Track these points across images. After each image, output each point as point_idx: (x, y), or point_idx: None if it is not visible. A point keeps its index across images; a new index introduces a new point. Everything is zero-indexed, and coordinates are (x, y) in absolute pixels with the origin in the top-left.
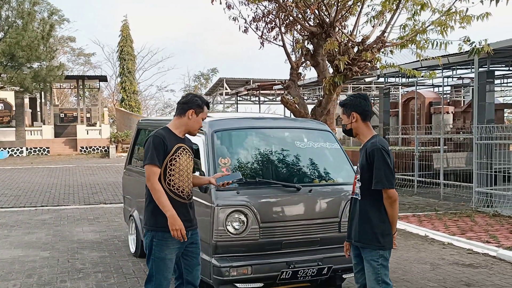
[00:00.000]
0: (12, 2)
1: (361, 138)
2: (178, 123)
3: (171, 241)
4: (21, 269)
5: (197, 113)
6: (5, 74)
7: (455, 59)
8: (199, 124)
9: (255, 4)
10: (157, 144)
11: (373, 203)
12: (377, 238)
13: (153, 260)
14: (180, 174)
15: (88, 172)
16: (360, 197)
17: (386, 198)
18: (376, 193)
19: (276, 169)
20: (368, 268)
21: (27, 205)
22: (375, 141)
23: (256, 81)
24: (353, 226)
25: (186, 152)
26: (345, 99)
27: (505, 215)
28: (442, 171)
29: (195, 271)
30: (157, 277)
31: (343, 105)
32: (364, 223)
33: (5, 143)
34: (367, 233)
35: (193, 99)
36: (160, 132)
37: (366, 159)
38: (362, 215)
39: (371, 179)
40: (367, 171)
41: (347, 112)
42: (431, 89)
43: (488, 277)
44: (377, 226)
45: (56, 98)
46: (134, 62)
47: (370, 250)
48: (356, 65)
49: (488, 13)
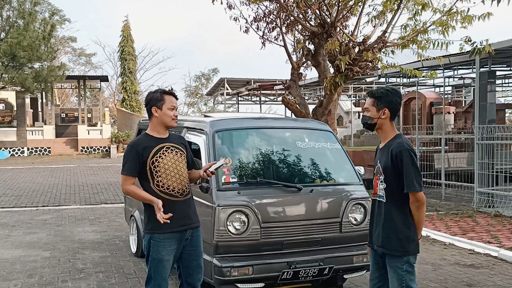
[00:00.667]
0: (13, 2)
1: (382, 136)
2: (152, 125)
3: (168, 242)
4: (22, 269)
5: (159, 107)
6: (6, 74)
7: (456, 59)
8: (168, 115)
9: (256, 4)
10: (130, 154)
11: (398, 206)
12: (401, 243)
13: (151, 262)
14: (166, 173)
15: (89, 172)
16: (385, 199)
17: (414, 202)
18: (402, 195)
19: (277, 169)
20: (392, 274)
21: (28, 205)
22: (401, 141)
23: (257, 81)
24: (375, 230)
25: (171, 150)
26: (379, 91)
27: (507, 215)
28: (444, 171)
29: (195, 273)
30: (156, 278)
31: (375, 97)
32: (389, 227)
33: (6, 143)
34: (391, 239)
35: (149, 96)
36: (135, 141)
37: (391, 160)
38: (387, 219)
39: (397, 181)
40: (392, 172)
41: (378, 105)
42: (432, 89)
43: (490, 278)
44: (402, 231)
45: (57, 98)
46: (135, 62)
47: (393, 257)
48: (357, 65)
49: (489, 13)
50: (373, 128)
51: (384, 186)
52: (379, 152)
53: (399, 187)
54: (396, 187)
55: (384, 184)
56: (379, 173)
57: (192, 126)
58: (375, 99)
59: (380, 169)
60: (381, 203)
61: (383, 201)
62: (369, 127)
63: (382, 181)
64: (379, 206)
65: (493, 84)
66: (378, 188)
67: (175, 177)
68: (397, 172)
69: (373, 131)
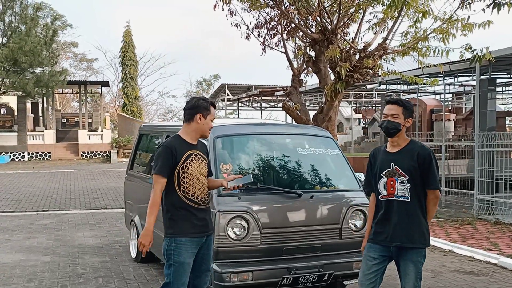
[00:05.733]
0: (16, 8)
1: (398, 141)
2: (189, 130)
3: (190, 245)
4: (22, 274)
5: (205, 116)
6: (7, 79)
7: (457, 66)
8: (209, 125)
9: (257, 11)
10: (165, 154)
11: (419, 204)
12: (424, 236)
13: (172, 266)
14: (193, 180)
15: (89, 177)
16: (410, 199)
17: (433, 198)
18: (422, 194)
19: (277, 175)
20: (411, 268)
21: (28, 210)
22: (423, 145)
23: (258, 87)
24: (393, 228)
25: (198, 158)
26: (407, 102)
27: (507, 222)
28: (444, 178)
29: (203, 276)
30: (175, 283)
31: (405, 107)
32: (415, 224)
33: (7, 148)
34: (415, 233)
35: (198, 102)
36: (169, 142)
37: (418, 162)
38: (412, 217)
39: (421, 181)
40: (419, 173)
41: (405, 114)
42: (433, 96)
43: (489, 285)
44: (424, 225)
45: (58, 103)
46: (136, 67)
47: (416, 250)
48: (358, 72)
49: (489, 21)
50: (394, 134)
51: (409, 186)
52: (391, 156)
53: (422, 186)
54: (420, 186)
55: (408, 185)
56: (396, 175)
57: None
58: (404, 108)
59: (400, 170)
60: (402, 202)
61: (407, 200)
62: (392, 132)
63: (405, 182)
64: (400, 205)
65: (493, 92)
66: (396, 188)
67: (199, 185)
68: (422, 173)
69: (393, 137)
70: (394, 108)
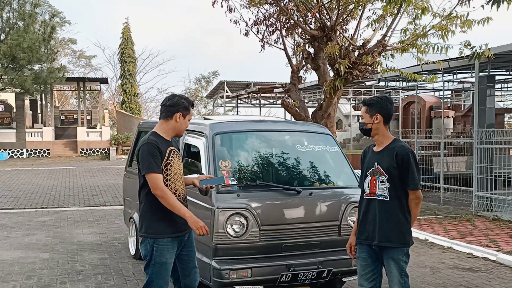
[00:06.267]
0: (14, 4)
1: (379, 140)
2: (166, 127)
3: (171, 245)
4: (20, 271)
5: (184, 115)
6: (6, 75)
7: (456, 63)
8: (186, 125)
9: (256, 8)
10: (153, 151)
11: (399, 204)
12: (404, 237)
13: (154, 266)
14: (175, 178)
15: (88, 174)
16: (388, 198)
17: (414, 199)
18: (403, 194)
19: (276, 172)
20: (393, 266)
21: (27, 207)
22: (404, 145)
23: (257, 84)
24: (373, 227)
25: (176, 154)
26: (371, 99)
27: (505, 219)
28: (442, 175)
29: (192, 273)
30: (157, 282)
31: (367, 105)
32: (392, 223)
33: (5, 145)
34: (395, 233)
35: (179, 101)
36: (152, 139)
37: (396, 162)
38: (390, 216)
39: (400, 181)
40: (397, 173)
41: (370, 112)
42: (432, 93)
43: (488, 282)
44: (404, 225)
45: (57, 100)
46: (135, 64)
47: (396, 250)
48: (357, 69)
49: (489, 18)
50: (369, 133)
51: (388, 185)
52: (376, 155)
53: (402, 186)
54: (399, 186)
55: (387, 184)
56: (378, 174)
57: (191, 129)
58: (367, 106)
59: (381, 170)
60: (382, 202)
61: (386, 200)
62: (366, 132)
63: (385, 181)
64: (380, 204)
65: (492, 89)
66: (377, 188)
67: (180, 181)
68: (401, 172)
69: (371, 137)
70: (362, 109)
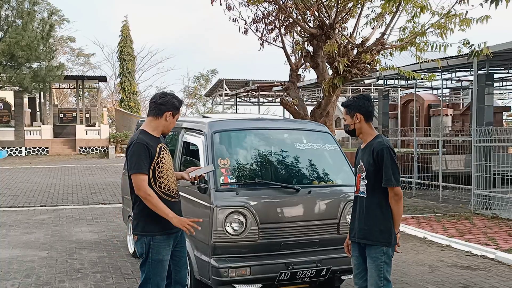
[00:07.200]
0: (12, 2)
1: (364, 138)
2: (155, 125)
3: (167, 242)
4: (19, 269)
5: (173, 115)
6: (4, 73)
7: (455, 61)
8: (174, 124)
9: (255, 6)
10: (141, 150)
11: (378, 201)
12: (382, 235)
13: (150, 263)
14: (167, 174)
15: (87, 172)
16: (366, 194)
17: (392, 196)
18: (381, 191)
19: (275, 170)
20: (371, 265)
21: (25, 205)
22: (381, 140)
23: (256, 82)
24: (357, 224)
25: (166, 150)
26: (348, 100)
27: (504, 217)
28: (441, 173)
29: (183, 270)
30: (154, 279)
31: (346, 106)
32: (370, 220)
33: (4, 143)
34: (372, 230)
35: (170, 100)
36: (142, 138)
37: (373, 158)
38: (368, 213)
39: (377, 177)
40: (373, 169)
41: (350, 113)
42: (430, 92)
43: (486, 279)
44: (382, 223)
45: (56, 98)
46: (133, 62)
47: (374, 248)
48: (356, 67)
49: (487, 16)
50: (354, 134)
51: (365, 182)
52: (361, 152)
53: (378, 182)
54: (376, 183)
55: (365, 181)
56: (361, 171)
57: (190, 127)
58: (346, 108)
59: (363, 166)
60: (362, 199)
61: (364, 196)
62: (351, 133)
63: (364, 178)
64: (361, 201)
65: (491, 87)
66: (360, 185)
67: (172, 178)
68: (377, 168)
69: (357, 136)
70: (343, 112)
